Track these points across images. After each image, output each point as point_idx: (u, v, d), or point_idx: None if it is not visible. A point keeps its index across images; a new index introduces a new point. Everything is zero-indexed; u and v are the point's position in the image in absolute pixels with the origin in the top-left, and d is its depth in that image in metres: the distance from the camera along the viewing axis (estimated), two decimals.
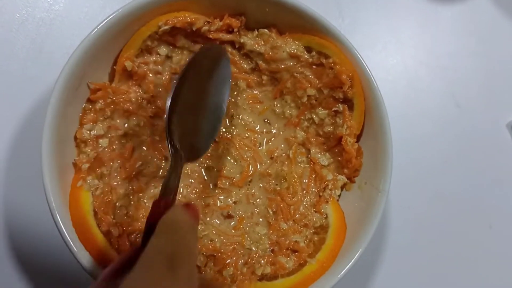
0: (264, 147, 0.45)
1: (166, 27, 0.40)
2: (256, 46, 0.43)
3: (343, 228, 0.41)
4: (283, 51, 0.42)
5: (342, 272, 0.38)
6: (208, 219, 0.42)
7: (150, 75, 0.42)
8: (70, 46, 0.37)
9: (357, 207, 0.42)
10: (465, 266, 0.50)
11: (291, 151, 0.45)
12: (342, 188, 0.44)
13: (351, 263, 0.38)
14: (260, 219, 0.43)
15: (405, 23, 0.56)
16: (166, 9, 0.40)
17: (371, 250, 0.49)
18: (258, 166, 0.44)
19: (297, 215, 0.43)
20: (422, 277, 0.49)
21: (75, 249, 0.35)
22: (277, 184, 0.44)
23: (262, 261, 0.41)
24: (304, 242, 0.42)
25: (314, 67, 0.42)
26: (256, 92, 0.46)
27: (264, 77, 0.45)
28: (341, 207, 0.43)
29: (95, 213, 0.38)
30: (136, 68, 0.41)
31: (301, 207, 0.43)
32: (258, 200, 0.44)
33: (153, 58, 0.42)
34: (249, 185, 0.44)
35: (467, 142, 0.54)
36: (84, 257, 0.35)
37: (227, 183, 0.43)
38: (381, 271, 0.49)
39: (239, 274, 0.41)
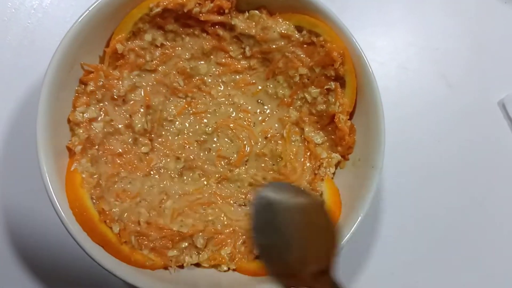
0: (258, 128, 0.45)
1: (158, 9, 0.40)
2: (247, 28, 0.43)
3: (338, 204, 0.42)
4: (274, 32, 0.42)
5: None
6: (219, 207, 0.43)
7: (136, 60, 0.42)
8: (63, 33, 0.37)
9: (351, 183, 0.42)
10: (458, 241, 0.51)
11: (285, 131, 0.45)
12: (336, 165, 0.44)
13: (347, 237, 0.38)
14: None
15: (394, 5, 0.57)
16: None
17: (367, 228, 0.50)
18: (254, 145, 0.45)
19: None
20: (416, 254, 0.50)
21: (72, 229, 0.35)
22: (273, 164, 0.45)
23: None
24: None
25: (305, 46, 0.43)
26: (248, 76, 0.46)
27: (254, 62, 0.45)
28: (336, 185, 0.43)
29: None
30: (126, 51, 0.41)
31: (304, 183, 0.43)
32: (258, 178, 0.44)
33: (141, 43, 0.42)
34: (246, 165, 0.45)
35: (458, 120, 0.54)
36: (82, 238, 0.36)
37: (224, 164, 0.44)
38: (376, 248, 0.49)
39: (237, 253, 0.41)
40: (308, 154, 0.45)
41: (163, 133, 0.44)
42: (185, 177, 0.44)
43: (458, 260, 0.51)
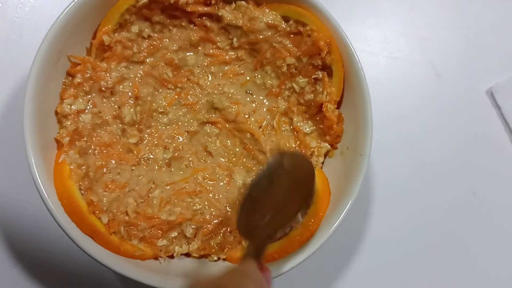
0: (252, 118, 0.45)
1: (144, 0, 0.40)
2: (234, 19, 0.43)
3: (327, 192, 0.42)
4: (261, 22, 0.43)
5: (328, 233, 0.38)
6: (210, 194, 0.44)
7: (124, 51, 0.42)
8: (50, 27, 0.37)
9: (340, 172, 0.43)
10: (450, 233, 0.51)
11: (274, 121, 0.45)
12: (325, 155, 0.45)
13: (336, 223, 0.39)
14: None
15: None
16: None
17: (357, 218, 0.50)
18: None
19: None
20: (406, 246, 0.50)
21: (61, 220, 0.35)
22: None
23: None
24: None
25: (292, 36, 0.43)
26: (236, 66, 0.46)
27: (241, 52, 0.45)
28: (325, 173, 0.44)
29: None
30: (113, 43, 0.41)
31: None
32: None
33: (128, 34, 0.42)
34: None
35: (448, 110, 0.55)
36: (71, 229, 0.36)
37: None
38: (367, 238, 0.50)
39: (226, 242, 0.41)
40: (298, 143, 0.45)
41: (153, 124, 0.44)
42: (172, 167, 0.44)
43: (448, 255, 0.51)
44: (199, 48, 0.45)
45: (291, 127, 0.45)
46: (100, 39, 0.40)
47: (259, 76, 0.46)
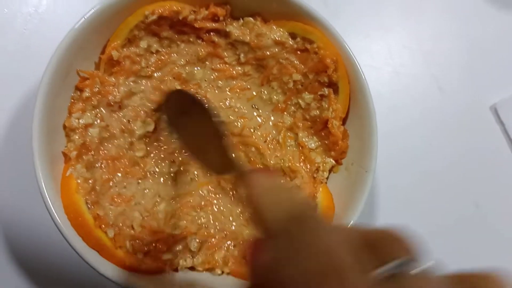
0: (258, 133, 0.46)
1: (153, 17, 0.40)
2: (242, 35, 0.44)
3: (331, 208, 0.42)
4: (268, 38, 0.43)
5: None
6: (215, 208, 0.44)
7: (132, 66, 0.42)
8: (59, 39, 0.37)
9: (344, 187, 0.43)
10: (452, 245, 0.51)
11: (280, 136, 0.46)
12: (330, 170, 0.45)
13: None
14: None
15: (388, 9, 0.58)
16: None
17: None
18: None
19: None
20: None
21: (68, 234, 0.36)
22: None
23: None
24: None
25: (299, 52, 0.43)
26: (243, 82, 0.46)
27: (248, 68, 0.46)
28: (329, 189, 0.44)
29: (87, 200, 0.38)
30: (122, 58, 0.42)
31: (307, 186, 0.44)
32: None
33: (136, 50, 0.42)
34: None
35: (451, 124, 0.55)
36: (77, 243, 0.36)
37: None
38: None
39: (230, 257, 0.42)
40: (303, 158, 0.45)
41: (162, 138, 0.44)
42: (178, 181, 0.44)
43: (452, 261, 0.51)
44: (207, 62, 0.45)
45: (296, 142, 0.46)
46: (109, 54, 0.40)
47: (265, 92, 0.46)
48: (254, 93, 0.46)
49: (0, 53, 0.48)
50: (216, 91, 0.46)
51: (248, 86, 0.46)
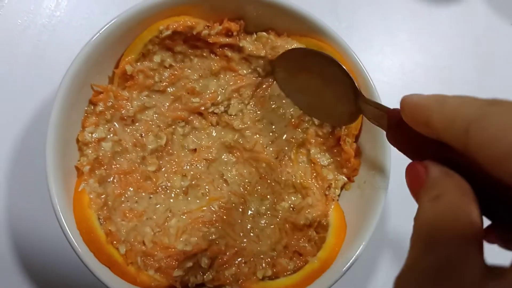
0: (270, 149, 0.46)
1: (167, 32, 0.40)
2: (256, 50, 0.44)
3: (343, 226, 0.42)
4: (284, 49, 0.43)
5: (343, 269, 0.38)
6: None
7: (145, 81, 0.42)
8: (72, 52, 0.38)
9: (357, 205, 0.42)
10: None
11: (292, 152, 0.45)
12: (342, 188, 0.45)
13: (352, 259, 0.38)
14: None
15: (401, 25, 0.57)
16: (167, 13, 0.40)
17: (372, 247, 0.50)
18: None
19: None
20: None
21: (80, 250, 0.35)
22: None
23: (263, 264, 0.41)
24: (311, 246, 0.42)
25: None
26: (259, 91, 0.46)
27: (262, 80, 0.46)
28: (341, 206, 0.44)
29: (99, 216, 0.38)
30: (136, 72, 0.42)
31: (319, 204, 0.43)
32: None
33: (150, 64, 0.42)
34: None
35: None
36: (89, 259, 0.36)
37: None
38: (382, 268, 0.50)
39: (240, 274, 0.41)
40: (314, 175, 0.45)
41: (175, 152, 0.44)
42: (189, 196, 0.44)
43: None
44: (221, 75, 0.45)
45: (308, 158, 0.46)
46: (123, 68, 0.40)
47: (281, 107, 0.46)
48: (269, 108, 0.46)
49: (14, 64, 0.48)
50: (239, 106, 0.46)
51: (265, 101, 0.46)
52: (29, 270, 0.45)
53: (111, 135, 0.41)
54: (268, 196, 0.45)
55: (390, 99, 0.54)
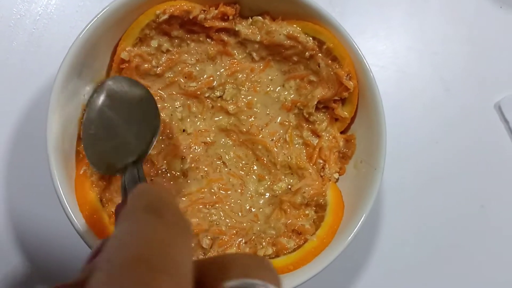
0: (265, 131, 0.46)
1: (164, 16, 0.41)
2: (251, 34, 0.44)
3: (341, 206, 0.43)
4: (280, 34, 0.43)
5: (341, 247, 0.39)
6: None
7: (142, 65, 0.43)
8: (68, 39, 0.38)
9: (353, 185, 0.43)
10: (457, 245, 0.52)
11: (287, 135, 0.46)
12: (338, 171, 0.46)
13: (350, 237, 0.39)
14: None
15: (394, 10, 0.58)
16: None
17: (368, 229, 0.51)
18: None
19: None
20: (416, 256, 0.51)
21: (83, 232, 0.36)
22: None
23: (264, 243, 0.42)
24: (310, 224, 0.43)
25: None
26: (253, 76, 0.47)
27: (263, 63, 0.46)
28: (338, 186, 0.45)
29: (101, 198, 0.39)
30: (133, 57, 0.42)
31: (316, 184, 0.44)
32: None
33: (147, 49, 0.43)
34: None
35: (456, 123, 0.55)
36: (92, 240, 0.36)
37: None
38: (377, 249, 0.51)
39: None
40: (312, 154, 0.46)
41: (174, 135, 0.45)
42: (189, 178, 0.45)
43: (457, 262, 0.52)
44: (217, 61, 0.46)
45: (303, 141, 0.46)
46: (120, 53, 0.41)
47: (277, 89, 0.47)
48: (265, 90, 0.47)
49: (10, 52, 0.48)
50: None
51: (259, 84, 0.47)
52: (31, 255, 0.45)
53: None
54: (266, 177, 0.46)
55: (384, 83, 0.55)
